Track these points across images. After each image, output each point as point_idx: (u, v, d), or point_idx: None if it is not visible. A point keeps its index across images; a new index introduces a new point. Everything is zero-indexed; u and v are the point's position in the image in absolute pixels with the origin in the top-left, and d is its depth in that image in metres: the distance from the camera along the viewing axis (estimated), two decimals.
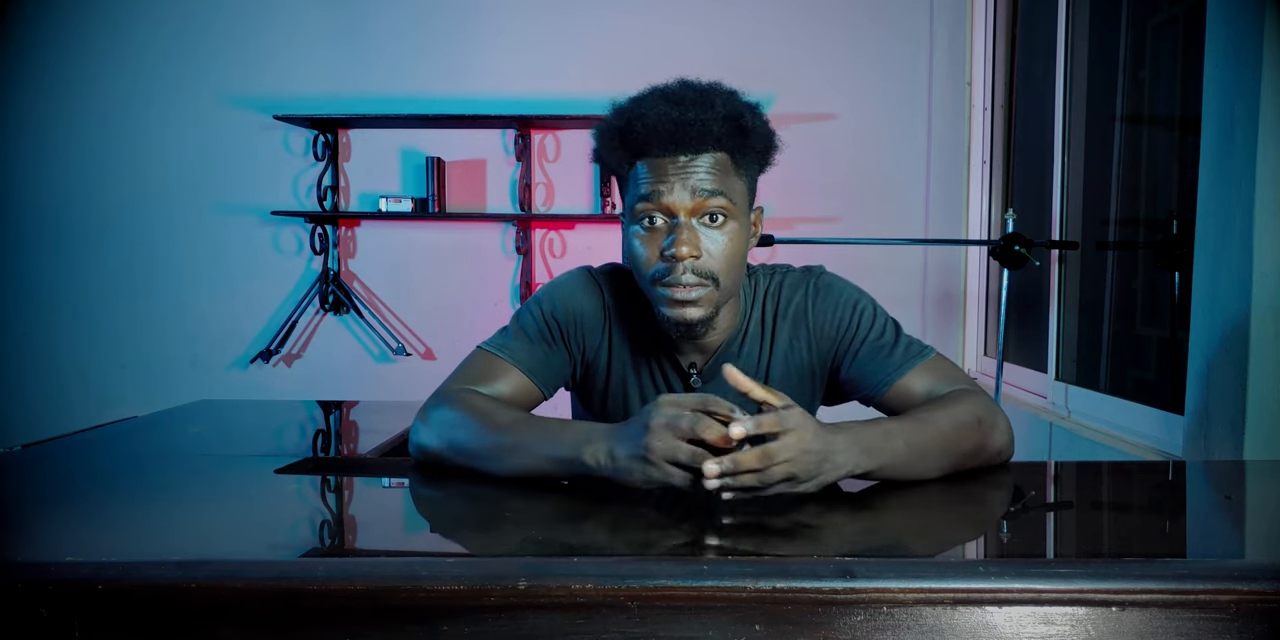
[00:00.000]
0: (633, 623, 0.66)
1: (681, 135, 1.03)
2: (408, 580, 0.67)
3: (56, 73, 3.43)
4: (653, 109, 1.05)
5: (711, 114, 1.04)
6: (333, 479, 1.12)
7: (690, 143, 1.04)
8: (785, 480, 0.82)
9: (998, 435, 1.03)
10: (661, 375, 1.21)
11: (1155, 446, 1.96)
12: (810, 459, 0.82)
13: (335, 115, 3.28)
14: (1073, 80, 2.61)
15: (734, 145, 1.07)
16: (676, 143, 1.04)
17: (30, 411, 3.48)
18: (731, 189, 1.07)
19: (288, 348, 3.49)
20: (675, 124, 1.03)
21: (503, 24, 3.37)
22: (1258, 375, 1.44)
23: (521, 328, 1.19)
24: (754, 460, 0.80)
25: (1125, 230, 2.42)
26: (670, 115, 1.03)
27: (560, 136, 3.43)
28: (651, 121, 1.04)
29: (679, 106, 1.04)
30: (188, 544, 0.80)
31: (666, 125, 1.03)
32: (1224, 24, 1.54)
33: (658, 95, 1.08)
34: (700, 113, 1.04)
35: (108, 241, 3.48)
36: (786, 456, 0.81)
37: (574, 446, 0.91)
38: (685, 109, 1.04)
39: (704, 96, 1.06)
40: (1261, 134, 1.42)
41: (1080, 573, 0.67)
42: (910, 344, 1.14)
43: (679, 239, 1.05)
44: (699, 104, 1.05)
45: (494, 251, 3.47)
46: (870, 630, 0.66)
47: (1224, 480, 1.16)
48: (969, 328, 3.39)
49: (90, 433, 1.46)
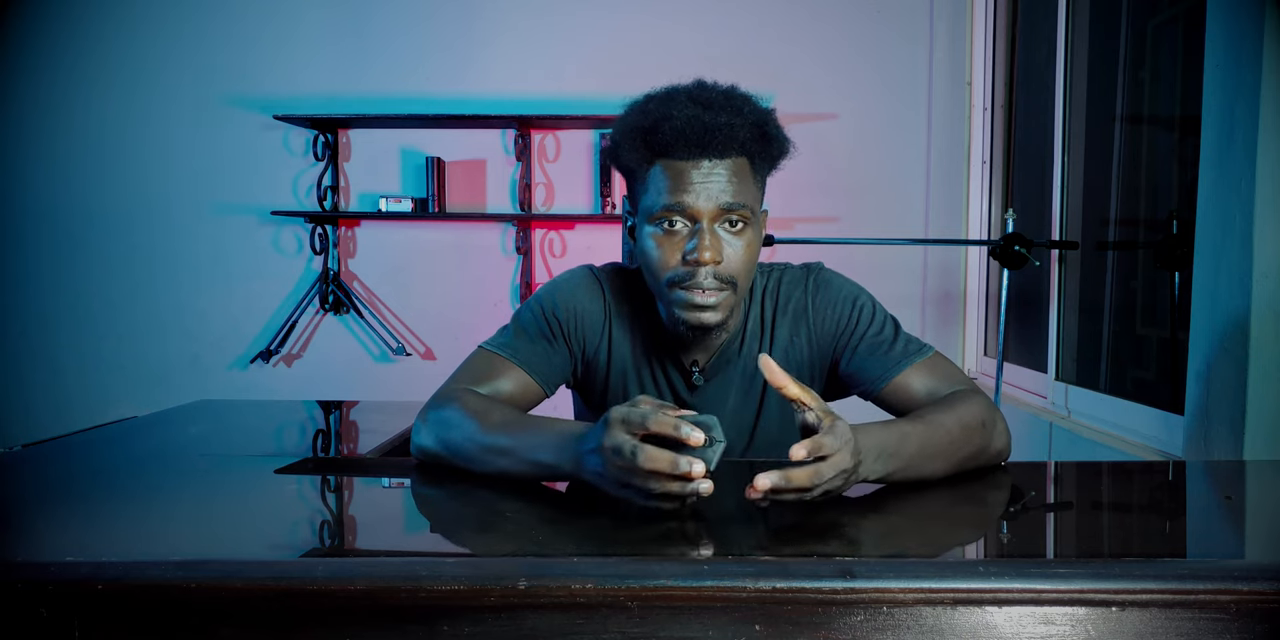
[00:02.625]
0: (633, 623, 0.66)
1: (709, 140, 1.03)
2: (408, 580, 0.67)
3: (56, 73, 3.43)
4: (681, 111, 1.04)
5: (740, 119, 1.04)
6: (333, 479, 1.12)
7: (716, 147, 1.03)
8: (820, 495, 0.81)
9: (998, 436, 1.04)
10: (663, 374, 1.21)
11: (1155, 446, 1.96)
12: (846, 474, 0.82)
13: (335, 115, 3.28)
14: (1073, 80, 2.61)
15: (755, 151, 1.07)
16: (703, 147, 1.03)
17: (30, 411, 3.48)
18: (750, 195, 1.07)
19: (288, 348, 3.49)
20: (705, 128, 1.02)
21: (503, 24, 3.37)
22: (1258, 375, 1.44)
23: (522, 326, 1.19)
24: (805, 479, 0.78)
25: (1125, 230, 2.42)
26: (701, 119, 1.03)
27: (560, 136, 3.43)
28: (679, 124, 1.03)
29: (708, 110, 1.04)
30: (188, 544, 0.80)
31: (695, 128, 1.02)
32: (1224, 24, 1.54)
33: (684, 97, 1.06)
34: (729, 117, 1.03)
35: (108, 241, 3.48)
36: (832, 474, 0.80)
37: (557, 453, 0.91)
38: (715, 113, 1.03)
39: (730, 101, 1.06)
40: (1261, 134, 1.42)
41: (1080, 573, 0.67)
42: (909, 341, 1.15)
43: (703, 244, 1.04)
44: (726, 109, 1.04)
45: (494, 251, 3.47)
46: (870, 630, 0.66)
47: (1224, 480, 1.16)
48: (969, 328, 3.39)
49: (90, 433, 1.46)
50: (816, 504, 0.83)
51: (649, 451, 0.78)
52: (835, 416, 0.83)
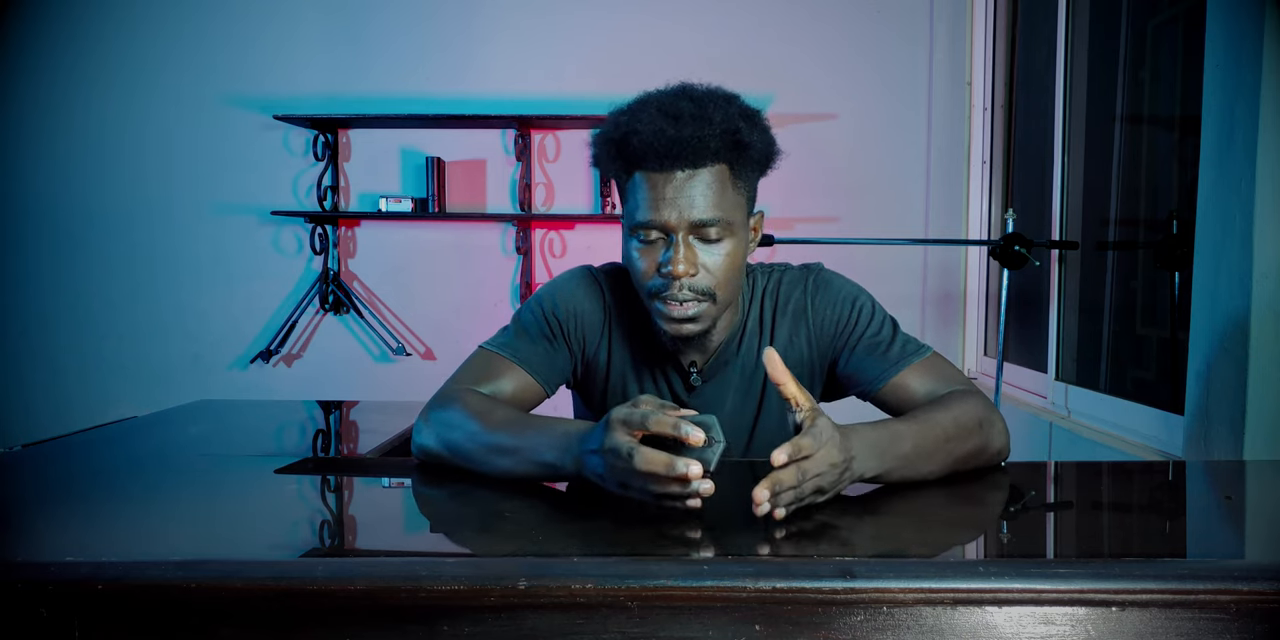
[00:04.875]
0: (633, 623, 0.66)
1: (678, 152, 1.02)
2: (408, 580, 0.67)
3: (57, 73, 3.43)
4: (649, 125, 1.03)
5: (709, 130, 1.02)
6: (333, 479, 1.12)
7: (687, 159, 1.03)
8: (813, 493, 0.82)
9: (997, 436, 1.03)
10: (662, 374, 1.21)
11: (1155, 446, 1.96)
12: (835, 471, 0.82)
13: (335, 115, 3.28)
14: (1073, 80, 2.61)
15: (732, 158, 1.06)
16: (673, 159, 1.03)
17: (30, 411, 3.48)
18: (729, 204, 1.06)
19: (288, 348, 3.49)
20: (671, 142, 1.02)
21: (503, 24, 3.37)
22: (1258, 375, 1.44)
23: (523, 326, 1.19)
24: (791, 478, 0.78)
25: (1125, 230, 2.42)
26: (666, 133, 1.02)
27: (560, 136, 3.43)
28: (647, 138, 1.02)
29: (675, 122, 1.02)
30: (188, 544, 0.80)
31: (662, 142, 1.02)
32: (1224, 24, 1.54)
33: (654, 108, 1.05)
34: (696, 129, 1.02)
35: (108, 241, 3.48)
36: (818, 471, 0.80)
37: (559, 453, 0.91)
38: (681, 125, 1.02)
39: (701, 110, 1.04)
40: (1261, 134, 1.42)
41: (1080, 573, 0.67)
42: (908, 341, 1.15)
43: (676, 257, 1.04)
44: (696, 119, 1.03)
45: (494, 251, 3.46)
46: (870, 630, 0.66)
47: (1224, 480, 1.16)
48: (969, 328, 3.39)
49: (90, 433, 1.46)
50: (816, 504, 0.83)
51: (646, 453, 0.78)
52: (820, 416, 0.83)
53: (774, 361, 0.84)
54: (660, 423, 0.78)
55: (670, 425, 0.78)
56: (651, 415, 0.80)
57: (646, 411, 0.81)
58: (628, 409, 0.82)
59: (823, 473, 0.81)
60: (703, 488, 0.77)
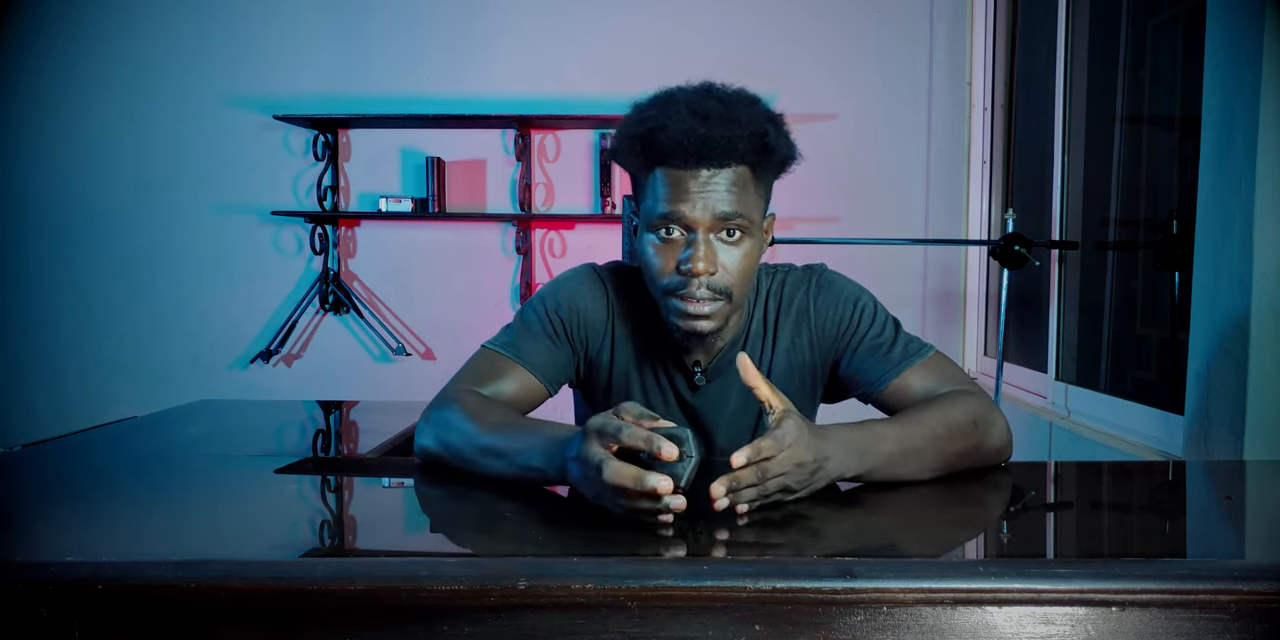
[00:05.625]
0: (633, 623, 0.66)
1: (706, 152, 1.02)
2: (408, 580, 0.67)
3: (56, 73, 3.43)
4: (678, 122, 1.02)
5: (738, 131, 1.02)
6: (333, 479, 1.12)
7: (714, 159, 1.03)
8: (780, 492, 0.83)
9: (994, 435, 1.03)
10: (665, 373, 1.21)
11: (1155, 446, 1.96)
12: (804, 471, 0.83)
13: (335, 115, 3.28)
14: (1073, 80, 2.61)
15: (756, 160, 1.06)
16: (700, 158, 1.03)
17: (30, 411, 3.48)
18: (750, 204, 1.07)
19: (288, 348, 3.49)
20: (700, 141, 1.01)
21: (503, 24, 3.37)
22: (1258, 375, 1.44)
23: (525, 325, 1.19)
24: (751, 476, 0.80)
25: (1125, 230, 2.42)
26: (696, 131, 1.01)
27: (560, 136, 3.43)
28: (675, 135, 1.02)
29: (705, 121, 1.02)
30: (188, 544, 0.80)
31: (691, 141, 1.02)
32: (1224, 24, 1.54)
33: (682, 106, 1.04)
34: (726, 129, 1.02)
35: (108, 241, 3.48)
36: (780, 471, 0.81)
37: (545, 458, 0.90)
38: (711, 125, 1.02)
39: (730, 110, 1.04)
40: (1261, 134, 1.42)
41: (1080, 573, 0.67)
42: (909, 342, 1.15)
43: (696, 254, 1.04)
44: (725, 119, 1.03)
45: (494, 251, 3.46)
46: (870, 630, 0.66)
47: (1224, 480, 1.16)
48: (969, 328, 3.39)
49: (90, 433, 1.46)
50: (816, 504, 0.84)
51: (615, 467, 0.77)
52: (788, 418, 0.84)
53: (746, 366, 0.86)
54: (633, 436, 0.77)
55: (643, 439, 0.77)
56: (625, 429, 0.78)
57: (621, 423, 0.79)
58: (604, 418, 0.81)
59: (787, 472, 0.81)
60: (674, 503, 0.75)
